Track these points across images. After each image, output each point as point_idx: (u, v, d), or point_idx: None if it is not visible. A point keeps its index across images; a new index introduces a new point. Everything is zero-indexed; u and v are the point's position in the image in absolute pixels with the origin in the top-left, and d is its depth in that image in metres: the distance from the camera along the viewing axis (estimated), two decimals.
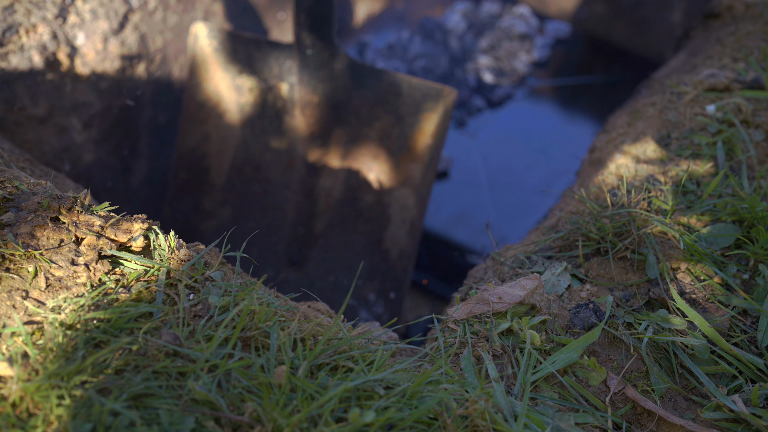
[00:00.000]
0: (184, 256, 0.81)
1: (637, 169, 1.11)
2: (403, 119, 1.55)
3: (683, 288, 0.92)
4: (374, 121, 1.58)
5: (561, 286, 0.91)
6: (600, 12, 2.53)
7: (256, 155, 1.63)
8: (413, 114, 1.54)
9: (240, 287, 0.79)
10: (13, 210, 0.82)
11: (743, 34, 1.35)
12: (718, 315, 0.88)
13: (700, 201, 1.02)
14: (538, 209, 1.70)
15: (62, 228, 0.81)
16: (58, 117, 1.52)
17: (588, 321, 0.87)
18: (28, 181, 0.88)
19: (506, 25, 2.26)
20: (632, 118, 1.27)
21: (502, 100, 2.05)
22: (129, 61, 1.70)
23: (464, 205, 1.70)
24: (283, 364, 0.72)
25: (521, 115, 2.02)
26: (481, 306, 0.85)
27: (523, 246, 1.09)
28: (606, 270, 0.94)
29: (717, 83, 1.20)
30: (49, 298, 0.75)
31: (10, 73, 1.41)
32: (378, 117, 1.56)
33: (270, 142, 1.62)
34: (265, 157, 1.64)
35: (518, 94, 2.09)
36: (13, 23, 1.43)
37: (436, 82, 1.77)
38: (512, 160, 1.85)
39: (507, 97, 2.06)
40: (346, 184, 1.60)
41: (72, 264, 0.78)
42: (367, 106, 1.56)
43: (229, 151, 1.65)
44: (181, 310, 0.74)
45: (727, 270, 0.93)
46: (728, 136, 1.11)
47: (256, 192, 1.64)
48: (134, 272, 0.79)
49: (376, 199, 1.58)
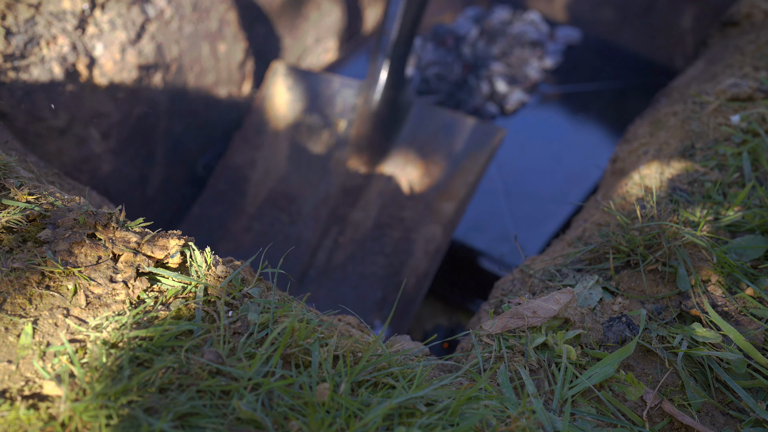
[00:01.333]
0: (222, 272, 0.81)
1: (662, 180, 1.12)
2: (449, 158, 1.57)
3: (715, 300, 0.92)
4: (420, 160, 1.60)
5: (593, 299, 0.91)
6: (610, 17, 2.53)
7: (294, 188, 1.67)
8: (461, 153, 1.57)
9: (278, 304, 0.79)
10: (50, 227, 0.83)
11: (764, 43, 1.35)
12: (752, 328, 0.88)
13: (729, 212, 1.02)
14: (554, 218, 1.70)
15: (99, 245, 0.81)
16: (78, 128, 1.53)
17: (622, 334, 0.87)
18: (62, 197, 0.88)
19: (517, 31, 2.27)
20: (654, 128, 1.28)
21: (515, 108, 2.05)
22: (146, 71, 1.70)
23: (480, 213, 1.70)
24: (324, 381, 0.73)
25: (534, 122, 2.02)
26: (516, 320, 0.86)
27: (550, 257, 1.09)
28: (637, 282, 0.95)
29: (740, 93, 1.20)
30: (89, 316, 0.75)
31: (31, 84, 1.42)
32: (425, 156, 1.59)
33: (311, 177, 1.65)
34: (303, 190, 1.67)
35: (531, 101, 2.09)
36: (34, 35, 1.43)
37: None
38: (527, 167, 1.85)
39: (520, 104, 2.06)
40: (377, 221, 1.61)
41: (110, 281, 0.78)
42: (418, 145, 1.59)
43: (269, 183, 1.68)
44: (221, 328, 0.75)
45: (759, 282, 0.93)
46: (753, 147, 1.11)
47: (283, 222, 1.66)
48: (172, 289, 0.79)
49: (402, 236, 1.59)
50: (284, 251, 1.63)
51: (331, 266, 1.60)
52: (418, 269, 1.54)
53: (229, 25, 1.95)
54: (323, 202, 1.64)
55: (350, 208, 1.62)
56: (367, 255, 1.59)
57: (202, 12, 1.85)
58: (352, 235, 1.61)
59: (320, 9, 2.27)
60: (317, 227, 1.62)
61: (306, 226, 1.63)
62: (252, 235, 1.65)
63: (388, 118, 1.60)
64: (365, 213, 1.61)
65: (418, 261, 1.55)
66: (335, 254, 1.60)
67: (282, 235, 1.65)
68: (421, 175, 1.60)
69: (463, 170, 1.57)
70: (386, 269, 1.57)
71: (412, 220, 1.58)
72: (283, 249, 1.63)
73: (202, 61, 1.87)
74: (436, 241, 1.55)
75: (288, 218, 1.65)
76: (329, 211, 1.62)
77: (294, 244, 1.63)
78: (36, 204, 0.85)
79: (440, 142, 1.59)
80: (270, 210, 1.66)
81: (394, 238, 1.59)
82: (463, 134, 1.58)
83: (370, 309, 1.54)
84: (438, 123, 1.61)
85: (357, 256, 1.59)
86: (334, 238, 1.60)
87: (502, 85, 2.08)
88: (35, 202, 0.85)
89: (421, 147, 1.60)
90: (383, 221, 1.61)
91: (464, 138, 1.58)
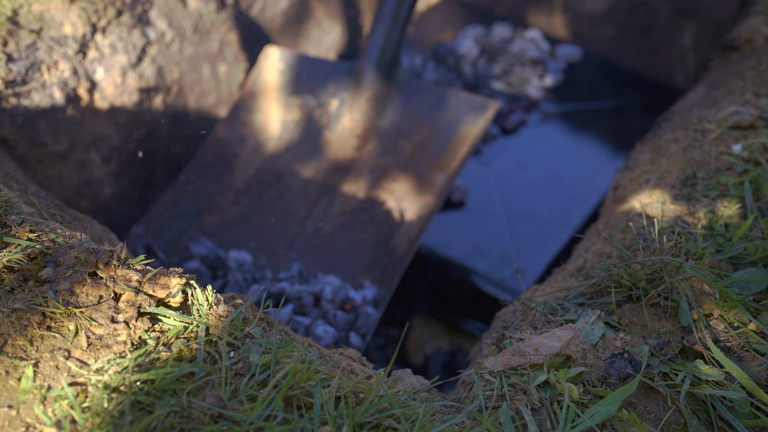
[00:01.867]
0: (223, 312, 0.81)
1: (663, 210, 1.12)
2: (442, 132, 1.61)
3: (717, 336, 0.91)
4: (412, 134, 1.64)
5: (595, 335, 0.91)
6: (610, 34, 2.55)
7: (283, 165, 1.68)
8: (453, 127, 1.61)
9: (280, 344, 0.79)
10: (51, 265, 0.82)
11: (765, 69, 1.35)
12: (755, 364, 0.87)
13: (730, 244, 1.02)
14: (555, 240, 1.70)
15: (101, 284, 0.81)
16: (78, 152, 1.53)
17: (624, 371, 0.87)
18: (64, 234, 0.88)
19: (518, 50, 2.28)
20: (655, 155, 1.28)
21: (516, 127, 2.06)
22: (146, 93, 1.71)
23: (481, 236, 1.70)
24: (326, 424, 0.72)
25: (535, 141, 2.03)
26: (518, 358, 0.85)
27: (552, 288, 1.09)
28: (639, 317, 0.94)
29: (741, 121, 1.20)
30: (91, 358, 0.75)
31: (32, 110, 1.42)
32: (418, 131, 1.61)
33: (301, 155, 1.68)
34: (292, 167, 1.68)
35: (532, 120, 2.09)
36: (36, 61, 1.44)
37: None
38: (528, 188, 1.85)
39: (521, 123, 2.07)
40: (368, 193, 1.64)
41: (112, 321, 0.78)
42: (411, 120, 1.62)
43: (258, 160, 1.69)
44: (223, 370, 0.74)
45: (761, 317, 0.93)
46: (755, 176, 1.11)
47: (271, 196, 1.68)
48: (174, 329, 0.78)
49: (394, 206, 1.61)
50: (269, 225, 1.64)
51: (319, 235, 1.62)
52: (409, 234, 1.56)
53: (229, 45, 1.95)
54: (313, 177, 1.66)
55: (341, 180, 1.64)
56: (357, 224, 1.61)
57: (203, 33, 1.85)
58: (342, 206, 1.63)
59: (321, 27, 2.28)
60: (306, 200, 1.64)
61: (294, 200, 1.65)
62: (239, 209, 1.66)
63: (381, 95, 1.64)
64: (356, 186, 1.63)
65: (410, 227, 1.57)
66: (325, 224, 1.62)
67: (269, 208, 1.66)
68: (413, 149, 1.63)
69: (456, 143, 1.60)
70: (376, 237, 1.60)
71: (403, 191, 1.61)
72: (269, 222, 1.64)
73: (202, 82, 1.87)
74: (429, 207, 1.58)
75: (276, 193, 1.67)
76: (320, 183, 1.64)
77: (282, 216, 1.65)
78: (37, 242, 0.85)
79: (433, 116, 1.63)
80: (258, 185, 1.67)
81: (385, 209, 1.61)
82: (456, 108, 1.62)
83: (359, 272, 1.56)
84: (431, 99, 1.65)
85: (347, 226, 1.61)
86: (324, 209, 1.62)
87: (503, 105, 2.08)
88: (36, 240, 0.85)
89: (414, 122, 1.63)
90: (374, 193, 1.63)
91: (457, 112, 1.61)
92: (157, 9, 1.72)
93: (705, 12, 2.27)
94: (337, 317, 1.44)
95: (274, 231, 1.63)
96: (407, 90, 1.67)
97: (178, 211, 1.61)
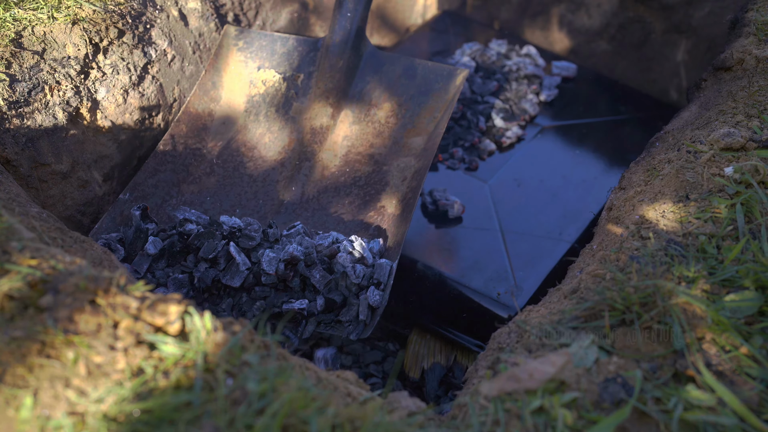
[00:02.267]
0: (221, 339, 0.82)
1: (657, 232, 1.13)
2: (413, 98, 1.68)
3: (709, 359, 0.93)
4: (384, 102, 1.70)
5: (589, 359, 0.92)
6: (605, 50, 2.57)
7: (254, 137, 1.71)
8: (424, 93, 1.67)
9: (277, 371, 0.80)
10: (51, 292, 0.84)
11: (756, 90, 1.37)
12: (746, 388, 0.89)
13: (722, 267, 1.03)
14: (551, 256, 1.71)
15: (99, 311, 0.82)
16: (80, 171, 1.55)
17: (617, 396, 0.88)
18: (64, 260, 0.89)
19: (514, 66, 2.30)
20: (649, 175, 1.29)
21: (512, 143, 2.07)
22: (148, 112, 1.72)
23: (478, 252, 1.72)
24: None
25: (531, 157, 2.04)
26: (512, 383, 0.86)
27: (546, 309, 1.10)
28: (632, 340, 0.96)
29: (733, 143, 1.22)
30: (89, 386, 0.76)
31: (35, 130, 1.44)
32: (389, 98, 1.69)
33: (271, 126, 1.71)
34: (264, 139, 1.72)
35: (528, 136, 2.11)
36: (38, 82, 1.46)
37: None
38: (524, 204, 1.86)
39: (517, 139, 2.09)
40: (345, 159, 1.68)
41: (111, 349, 0.79)
42: (380, 89, 1.67)
43: (228, 133, 1.72)
44: (220, 399, 0.75)
45: (753, 340, 0.94)
46: (746, 198, 1.13)
47: (247, 166, 1.70)
48: (172, 357, 0.80)
49: (374, 169, 1.66)
50: (250, 192, 1.66)
51: (305, 199, 1.66)
52: (397, 194, 1.60)
53: None
54: (287, 145, 1.69)
55: (318, 147, 1.68)
56: (341, 188, 1.65)
57: (204, 51, 1.87)
58: (322, 171, 1.67)
59: None
60: (284, 169, 1.67)
61: (272, 169, 1.68)
62: (215, 178, 1.68)
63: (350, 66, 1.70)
64: (333, 153, 1.68)
65: (395, 188, 1.61)
66: (308, 188, 1.66)
67: (247, 177, 1.69)
68: (386, 116, 1.69)
69: (429, 108, 1.67)
70: (362, 198, 1.64)
71: (381, 155, 1.66)
72: (250, 190, 1.67)
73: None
74: (412, 167, 1.62)
75: (252, 163, 1.70)
76: (296, 151, 1.68)
77: (262, 185, 1.67)
78: (38, 268, 0.86)
79: (403, 85, 1.69)
80: (231, 156, 1.70)
81: (366, 172, 1.66)
82: (425, 77, 1.69)
83: (353, 231, 1.59)
84: (399, 68, 1.72)
85: (330, 190, 1.66)
86: (306, 174, 1.66)
87: (499, 120, 2.10)
88: (37, 267, 0.86)
89: (384, 91, 1.70)
90: (351, 158, 1.68)
91: (426, 80, 1.69)
92: (158, 28, 1.74)
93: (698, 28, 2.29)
94: (356, 270, 1.45)
95: (257, 198, 1.67)
96: (375, 61, 1.74)
97: (159, 179, 1.64)
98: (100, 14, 1.59)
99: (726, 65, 1.49)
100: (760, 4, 1.62)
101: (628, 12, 2.44)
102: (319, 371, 0.97)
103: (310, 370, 0.95)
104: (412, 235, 1.75)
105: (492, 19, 2.68)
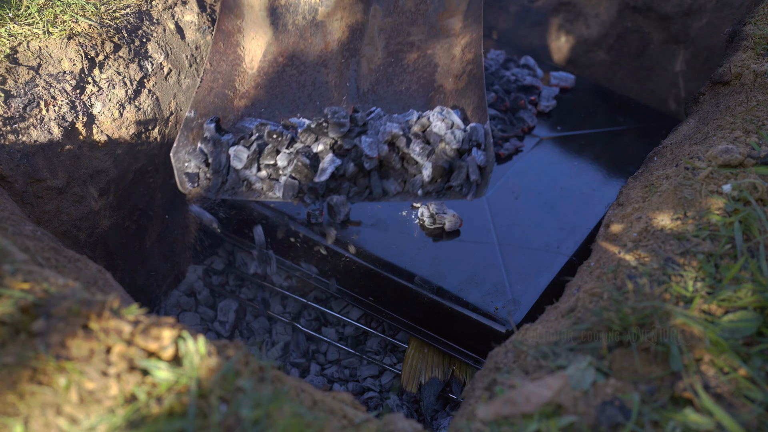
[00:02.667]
0: (215, 364, 0.81)
1: (654, 250, 1.12)
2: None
3: (708, 381, 0.92)
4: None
5: (586, 381, 0.91)
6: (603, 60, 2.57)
7: (289, 47, 1.72)
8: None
9: (270, 398, 0.79)
10: (43, 317, 0.83)
11: (754, 105, 1.37)
12: (745, 411, 0.88)
13: (721, 286, 1.02)
14: (549, 269, 1.70)
15: (92, 336, 0.81)
16: (76, 186, 1.54)
17: (614, 420, 0.87)
18: (57, 283, 0.89)
19: (513, 76, 2.30)
20: (647, 192, 1.29)
21: (510, 154, 2.07)
22: (144, 126, 1.72)
23: (475, 266, 1.71)
24: None
25: (529, 168, 2.04)
26: (509, 407, 0.86)
27: (543, 327, 1.09)
28: (629, 362, 0.95)
29: (731, 159, 1.22)
30: (81, 414, 0.75)
31: (30, 146, 1.43)
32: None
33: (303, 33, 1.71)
34: (299, 46, 1.73)
35: (526, 147, 2.11)
36: (34, 97, 1.45)
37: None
38: (522, 217, 1.86)
39: (515, 151, 2.08)
40: (387, 51, 1.70)
41: (103, 375, 0.79)
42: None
43: (260, 47, 1.72)
44: (214, 426, 0.75)
45: (751, 362, 0.93)
46: (744, 216, 1.12)
47: (291, 74, 1.71)
48: (165, 383, 0.79)
49: (419, 55, 1.68)
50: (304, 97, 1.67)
51: (361, 93, 1.69)
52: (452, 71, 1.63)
53: None
54: (325, 47, 1.71)
55: (359, 43, 1.70)
56: (392, 77, 1.68)
57: (201, 65, 1.87)
58: (369, 65, 1.70)
59: None
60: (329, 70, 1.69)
61: (317, 72, 1.69)
62: (263, 91, 1.70)
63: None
64: (374, 47, 1.71)
65: (446, 67, 1.64)
66: (360, 83, 1.69)
67: (295, 84, 1.71)
68: (415, 4, 1.72)
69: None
70: (417, 83, 1.67)
71: (420, 41, 1.69)
72: (303, 95, 1.68)
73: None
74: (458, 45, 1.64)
75: (295, 70, 1.72)
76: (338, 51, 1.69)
77: (311, 87, 1.69)
78: (30, 292, 0.85)
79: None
80: (272, 67, 1.71)
81: (412, 59, 1.69)
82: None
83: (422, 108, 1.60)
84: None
85: (382, 81, 1.69)
86: (356, 69, 1.68)
87: (497, 132, 2.10)
88: (29, 290, 0.86)
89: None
90: (393, 49, 1.71)
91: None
92: (155, 42, 1.74)
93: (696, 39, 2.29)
94: (456, 134, 1.47)
95: (313, 100, 1.69)
96: None
97: (216, 95, 1.65)
98: (96, 28, 1.59)
99: (724, 79, 1.49)
100: (757, 17, 1.62)
101: (626, 22, 2.44)
102: (315, 393, 0.96)
103: (305, 392, 0.94)
104: (409, 248, 1.74)
105: (490, 29, 2.69)
